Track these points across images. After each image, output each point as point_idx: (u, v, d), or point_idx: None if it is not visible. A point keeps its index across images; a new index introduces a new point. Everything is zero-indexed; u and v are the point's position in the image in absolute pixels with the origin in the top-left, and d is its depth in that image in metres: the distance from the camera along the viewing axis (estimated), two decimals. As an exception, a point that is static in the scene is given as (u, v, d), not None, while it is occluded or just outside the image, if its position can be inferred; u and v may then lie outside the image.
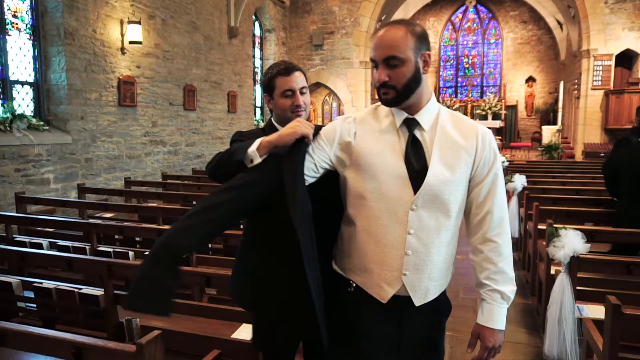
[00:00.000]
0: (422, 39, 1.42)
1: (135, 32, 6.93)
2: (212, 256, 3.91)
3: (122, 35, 6.87)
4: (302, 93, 1.79)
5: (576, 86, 12.83)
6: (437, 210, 1.40)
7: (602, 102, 11.45)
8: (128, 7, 7.01)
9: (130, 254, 3.57)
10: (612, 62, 11.34)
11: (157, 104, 7.79)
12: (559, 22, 16.19)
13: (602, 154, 11.07)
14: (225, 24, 10.07)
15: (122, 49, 6.90)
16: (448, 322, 3.93)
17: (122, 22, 6.86)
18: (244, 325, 2.71)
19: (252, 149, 1.50)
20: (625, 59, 11.50)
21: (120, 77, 6.86)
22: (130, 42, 6.96)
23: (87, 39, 6.30)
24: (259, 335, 1.92)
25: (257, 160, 1.49)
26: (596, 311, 2.51)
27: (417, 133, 1.44)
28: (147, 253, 1.41)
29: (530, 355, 3.23)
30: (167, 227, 4.30)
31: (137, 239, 4.41)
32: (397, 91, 1.40)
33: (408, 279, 1.39)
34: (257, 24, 12.21)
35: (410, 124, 1.44)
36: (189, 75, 8.69)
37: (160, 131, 7.91)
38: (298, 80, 1.80)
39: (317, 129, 1.55)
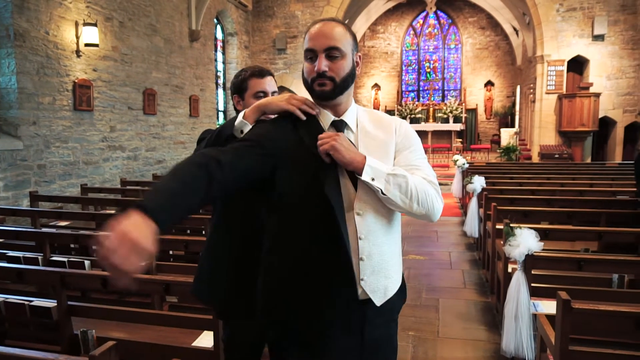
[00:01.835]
0: (356, 40, 1.44)
1: (91, 34, 6.72)
2: (172, 263, 3.83)
3: (77, 37, 6.66)
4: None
5: (532, 90, 13.32)
6: (380, 209, 1.39)
7: (556, 106, 11.93)
8: (83, 8, 6.79)
9: (86, 263, 3.45)
10: (565, 68, 11.84)
11: (115, 108, 7.57)
12: (515, 29, 16.79)
13: (556, 155, 11.53)
14: (186, 27, 9.92)
15: (78, 52, 6.68)
16: (411, 322, 4.00)
17: (77, 24, 6.64)
18: (205, 332, 2.67)
19: (239, 119, 1.46)
20: (576, 64, 12.04)
21: (76, 81, 6.64)
22: (86, 45, 6.75)
23: (39, 40, 6.06)
24: (234, 344, 1.89)
25: (248, 127, 1.44)
26: (550, 307, 2.60)
27: (347, 135, 1.42)
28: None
29: (490, 351, 3.32)
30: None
31: (94, 247, 4.26)
32: (335, 83, 1.36)
33: (366, 282, 1.40)
34: (219, 27, 12.09)
35: (339, 126, 1.42)
36: (148, 78, 8.50)
37: (119, 136, 7.70)
38: (271, 83, 1.87)
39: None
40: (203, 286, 2.01)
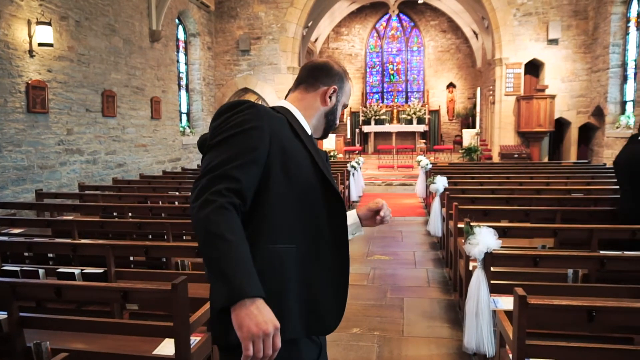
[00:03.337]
0: None
1: (45, 33, 6.46)
2: (132, 269, 3.72)
3: (30, 36, 6.38)
4: None
5: (491, 92, 13.71)
6: None
7: (515, 107, 12.32)
8: (36, 6, 6.53)
9: (41, 271, 3.30)
10: (522, 70, 12.25)
11: (72, 111, 7.31)
12: (474, 32, 17.26)
13: (515, 155, 11.90)
14: (147, 27, 9.69)
15: (31, 52, 6.41)
16: (376, 322, 4.02)
17: (29, 23, 6.37)
18: (167, 340, 2.60)
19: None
20: (533, 67, 12.47)
21: (29, 82, 6.37)
22: (40, 45, 6.48)
23: (-12, 40, 5.79)
24: None
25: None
26: (509, 303, 2.67)
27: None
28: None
29: (452, 348, 3.38)
30: (83, 241, 4.05)
31: (50, 255, 4.11)
32: None
33: None
34: (180, 28, 11.87)
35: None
36: (107, 80, 8.25)
37: (77, 139, 7.43)
38: None
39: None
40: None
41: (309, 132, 1.56)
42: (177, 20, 11.41)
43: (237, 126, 1.31)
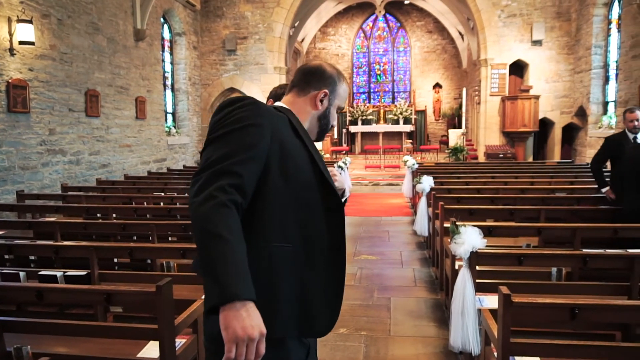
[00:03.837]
0: None
1: (26, 31, 6.34)
2: (116, 271, 3.68)
3: (11, 34, 6.26)
4: None
5: (477, 92, 13.83)
6: None
7: (500, 107, 12.44)
8: (17, 4, 6.40)
9: (21, 274, 3.24)
10: (507, 71, 12.38)
11: (54, 110, 7.19)
12: (460, 33, 17.39)
13: (501, 155, 12.02)
14: (131, 26, 9.58)
15: (11, 50, 6.28)
16: (363, 322, 4.02)
17: (9, 20, 6.25)
18: (151, 343, 2.57)
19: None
20: (517, 68, 12.62)
21: (10, 81, 6.25)
22: (21, 43, 6.36)
23: (-33, 38, 5.66)
24: None
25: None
26: (494, 301, 2.69)
27: None
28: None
29: (439, 347, 3.39)
30: (66, 243, 3.98)
31: (32, 257, 4.03)
32: None
33: None
34: (166, 27, 11.76)
35: None
36: (91, 79, 8.14)
37: (59, 139, 7.31)
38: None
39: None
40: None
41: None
42: (162, 19, 11.30)
43: (237, 122, 1.29)
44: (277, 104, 1.58)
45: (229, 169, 1.22)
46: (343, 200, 1.65)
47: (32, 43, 6.48)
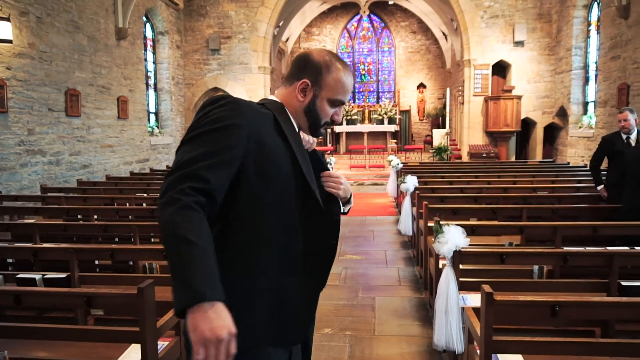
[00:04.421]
0: None
1: (3, 29, 6.20)
2: (98, 274, 3.62)
3: (-12, 33, 6.13)
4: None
5: (460, 92, 13.96)
6: None
7: (483, 107, 12.58)
8: (-6, 1, 6.27)
9: (-1, 278, 3.17)
10: (489, 71, 12.52)
11: (33, 110, 7.05)
12: (444, 34, 17.54)
13: (484, 154, 12.15)
14: (113, 25, 9.44)
15: (-11, 49, 6.15)
16: (348, 322, 4.02)
17: (-13, 18, 6.12)
18: (133, 346, 2.53)
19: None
20: (500, 68, 12.77)
21: (-13, 80, 6.11)
22: (-2, 41, 6.23)
23: (-58, 35, 5.52)
24: None
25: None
26: (477, 300, 2.71)
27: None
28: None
29: (423, 346, 3.41)
30: (46, 245, 3.90)
31: (10, 260, 3.95)
32: None
33: None
34: (148, 25, 11.62)
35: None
36: (71, 78, 8.00)
37: (39, 140, 7.17)
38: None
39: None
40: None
41: (297, 129, 1.48)
42: (144, 18, 11.16)
43: (214, 122, 1.25)
44: (271, 97, 1.51)
45: (196, 173, 1.18)
46: (347, 209, 1.61)
47: (9, 41, 6.35)
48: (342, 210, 1.59)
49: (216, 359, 1.04)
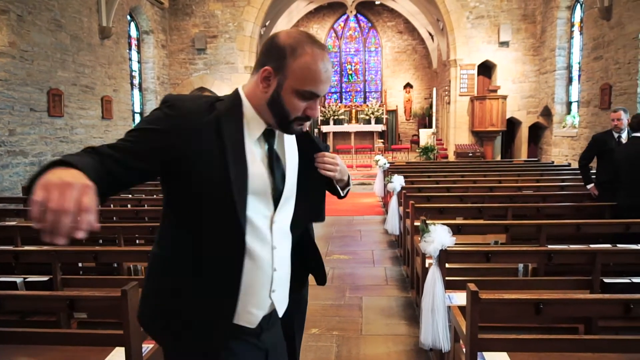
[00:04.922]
0: None
1: (-17, 28, 6.11)
2: (81, 276, 3.56)
3: (-33, 31, 6.02)
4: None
5: (447, 92, 14.06)
6: (289, 219, 1.42)
7: (469, 107, 12.68)
8: (-26, -1, 6.16)
9: (-21, 281, 3.10)
10: (475, 71, 12.63)
11: (14, 110, 6.93)
12: (430, 34, 17.64)
13: (470, 154, 12.25)
14: (96, 24, 9.32)
15: (-32, 47, 6.04)
16: (335, 322, 4.01)
17: (-34, 17, 6.01)
18: (117, 349, 2.50)
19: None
20: (485, 68, 12.89)
21: (-34, 79, 6.00)
22: (-22, 40, 6.12)
23: None
24: None
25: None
26: (463, 298, 2.72)
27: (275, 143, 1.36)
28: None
29: (410, 345, 3.42)
30: (27, 247, 3.83)
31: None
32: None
33: (276, 294, 1.37)
34: (133, 24, 11.50)
35: (270, 134, 1.33)
36: (53, 78, 7.88)
37: (20, 140, 7.05)
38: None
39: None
40: None
41: (261, 127, 1.29)
42: (128, 17, 11.05)
43: (146, 122, 1.21)
44: (239, 89, 1.32)
45: (113, 144, 1.17)
46: (345, 192, 1.56)
47: (-10, 40, 6.24)
48: (339, 195, 1.56)
49: (58, 205, 0.86)
